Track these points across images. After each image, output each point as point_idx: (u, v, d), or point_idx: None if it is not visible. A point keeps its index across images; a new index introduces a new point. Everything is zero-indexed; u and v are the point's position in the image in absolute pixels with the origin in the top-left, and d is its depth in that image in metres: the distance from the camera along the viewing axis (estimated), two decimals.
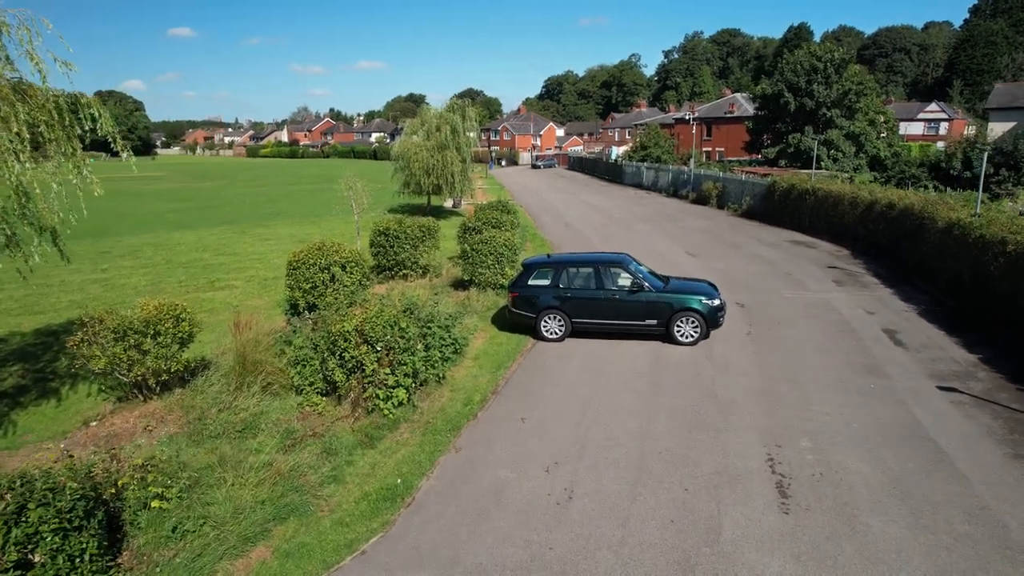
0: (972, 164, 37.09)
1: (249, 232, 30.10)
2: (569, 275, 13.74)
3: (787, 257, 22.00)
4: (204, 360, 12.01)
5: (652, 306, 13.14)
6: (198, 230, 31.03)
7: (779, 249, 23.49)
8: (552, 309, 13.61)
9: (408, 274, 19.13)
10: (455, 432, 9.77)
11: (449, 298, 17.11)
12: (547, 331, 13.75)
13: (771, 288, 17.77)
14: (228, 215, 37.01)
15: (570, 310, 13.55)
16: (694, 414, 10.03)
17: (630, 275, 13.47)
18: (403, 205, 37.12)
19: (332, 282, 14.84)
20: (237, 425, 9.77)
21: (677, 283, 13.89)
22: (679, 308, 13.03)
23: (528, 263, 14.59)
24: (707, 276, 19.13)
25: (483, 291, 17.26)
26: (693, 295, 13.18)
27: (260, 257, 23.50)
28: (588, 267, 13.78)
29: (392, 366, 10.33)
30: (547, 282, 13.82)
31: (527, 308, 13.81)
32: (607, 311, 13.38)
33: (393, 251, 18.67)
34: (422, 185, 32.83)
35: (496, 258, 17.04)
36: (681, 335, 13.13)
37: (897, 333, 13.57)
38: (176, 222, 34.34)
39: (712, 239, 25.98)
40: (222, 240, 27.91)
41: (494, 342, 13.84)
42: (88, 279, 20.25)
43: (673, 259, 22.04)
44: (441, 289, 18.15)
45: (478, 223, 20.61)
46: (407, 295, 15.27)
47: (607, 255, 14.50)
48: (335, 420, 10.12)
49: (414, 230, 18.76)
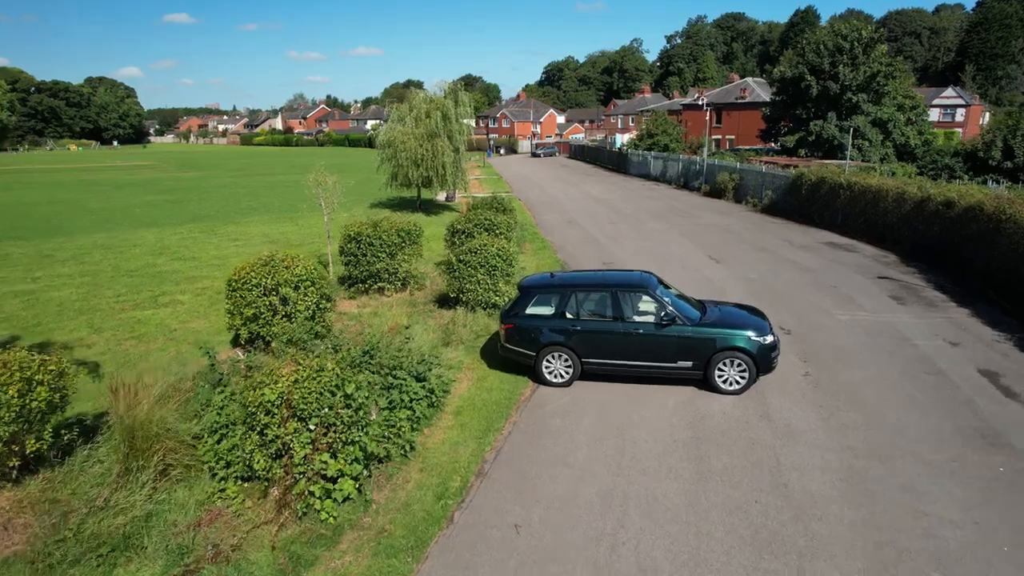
0: (1015, 152, 33.96)
1: (218, 231, 27.07)
2: (578, 301, 10.75)
3: (826, 264, 18.99)
4: (100, 419, 9.05)
5: (687, 343, 10.17)
6: (163, 228, 27.99)
7: (814, 253, 20.47)
8: (557, 346, 10.63)
9: (384, 287, 16.16)
10: (420, 549, 6.82)
11: (431, 320, 14.15)
12: (550, 373, 10.81)
13: (818, 306, 14.78)
14: (202, 210, 33.93)
15: (580, 347, 10.58)
16: (760, 520, 7.08)
17: (657, 302, 10.48)
18: (391, 199, 34.06)
19: (284, 305, 11.88)
20: (110, 537, 6.85)
21: (717, 312, 10.88)
22: (722, 347, 10.05)
23: (526, 285, 11.55)
24: (738, 288, 16.20)
25: (472, 311, 14.30)
26: (739, 330, 10.20)
27: (220, 263, 20.50)
28: (603, 291, 10.77)
29: (334, 449, 7.39)
30: (550, 310, 10.84)
31: (525, 344, 10.85)
32: (628, 349, 10.41)
33: (366, 260, 15.67)
34: (411, 177, 29.70)
35: (488, 271, 14.05)
36: (724, 381, 10.18)
37: (1001, 377, 10.59)
38: (143, 218, 31.27)
39: (735, 240, 22.96)
40: (185, 241, 24.88)
41: (483, 386, 10.89)
42: (11, 291, 17.27)
43: (694, 265, 19.05)
44: (423, 308, 15.17)
45: (468, 225, 17.58)
46: (371, 328, 12.32)
47: (626, 275, 11.43)
48: (253, 527, 7.18)
49: (391, 235, 15.74)
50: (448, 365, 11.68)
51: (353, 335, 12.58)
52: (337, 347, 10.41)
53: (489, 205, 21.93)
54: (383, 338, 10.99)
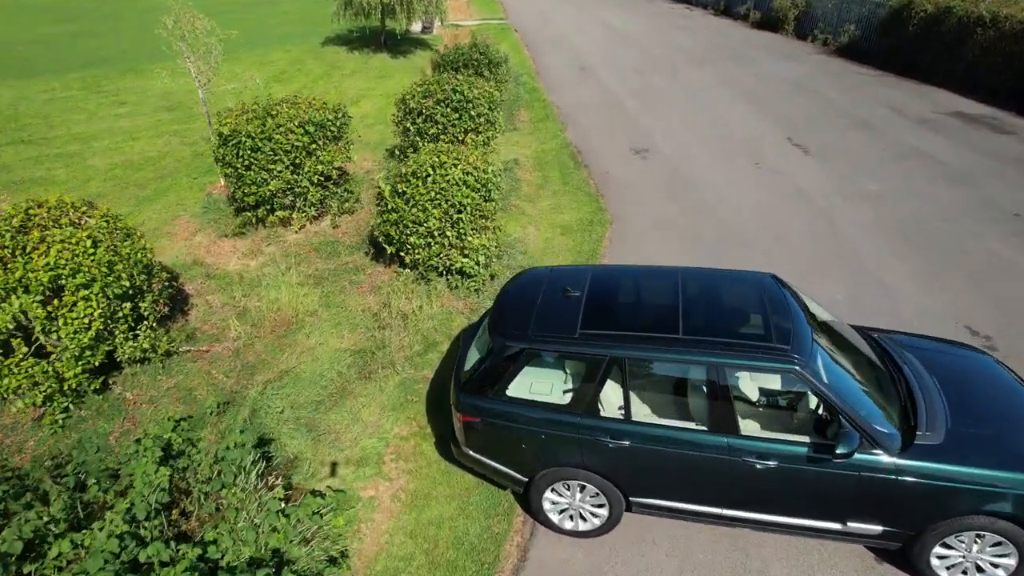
0: None
1: (106, 86, 19.86)
2: (627, 374, 4.74)
3: (979, 160, 12.51)
4: None
5: (883, 492, 4.42)
6: (39, 79, 20.73)
7: (949, 136, 13.82)
8: (575, 469, 4.95)
9: (288, 217, 10.05)
10: None
11: (354, 295, 8.35)
12: (561, 514, 5.23)
13: (1016, 265, 8.86)
14: (104, 50, 25.99)
15: (627, 474, 4.89)
16: None
17: (820, 397, 4.46)
18: (350, 31, 26.01)
19: (26, 340, 6.01)
20: None
21: (941, 396, 4.80)
22: (969, 508, 4.31)
23: (511, 329, 5.04)
24: (857, 215, 10.12)
25: (423, 280, 8.42)
26: (1016, 471, 4.32)
27: (77, 153, 13.99)
28: (685, 360, 4.59)
29: None
30: (562, 388, 5.16)
31: (506, 456, 5.13)
32: (737, 488, 4.71)
33: (252, 176, 9.39)
34: (365, 3, 21.74)
35: (448, 211, 7.96)
36: (949, 569, 4.62)
37: None
38: (23, 61, 23.71)
39: (821, 108, 16.07)
40: (53, 102, 17.94)
41: (419, 527, 5.38)
42: None
43: (772, 159, 12.65)
44: (346, 260, 9.21)
45: (426, 102, 10.85)
46: (237, 330, 6.45)
47: (740, 308, 5.00)
48: None
49: (292, 134, 9.29)
50: (351, 445, 6.09)
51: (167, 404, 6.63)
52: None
53: (468, 55, 14.79)
54: (202, 460, 5.12)
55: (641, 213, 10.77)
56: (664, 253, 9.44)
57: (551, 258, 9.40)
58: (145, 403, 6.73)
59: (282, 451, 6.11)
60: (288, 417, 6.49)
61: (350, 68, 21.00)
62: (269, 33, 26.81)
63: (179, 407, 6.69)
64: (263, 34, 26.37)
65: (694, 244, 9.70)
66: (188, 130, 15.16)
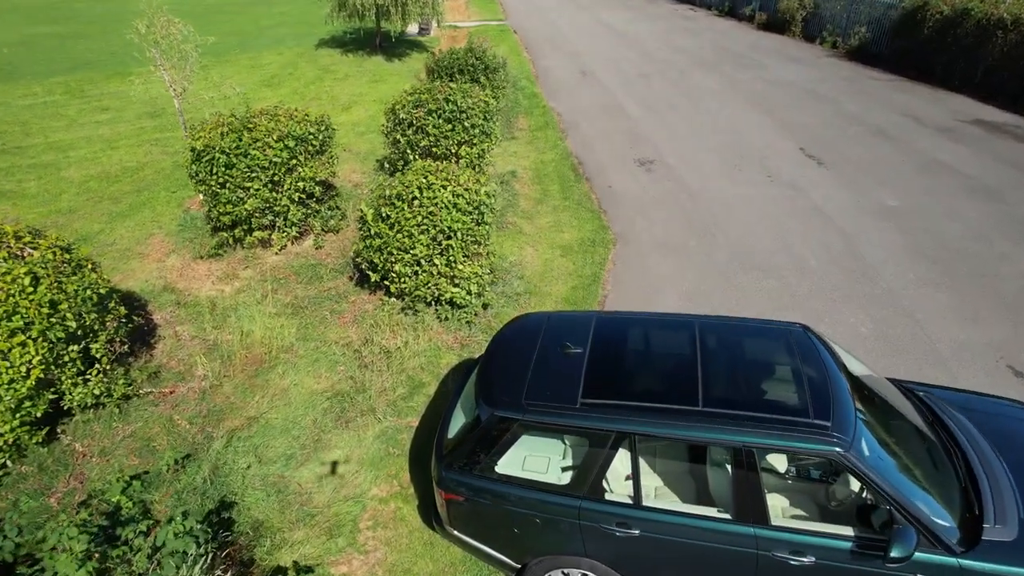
0: None
1: (89, 91, 19.18)
2: (637, 452, 4.04)
3: (1006, 172, 11.80)
4: None
5: None
6: (21, 83, 20.06)
7: (970, 145, 13.11)
8: (577, 558, 4.22)
9: (267, 238, 9.34)
10: None
11: (335, 327, 7.66)
12: None
13: None
14: (93, 52, 25.31)
15: (638, 570, 4.15)
16: None
17: (872, 485, 3.63)
18: (345, 33, 25.27)
19: None
20: None
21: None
22: None
23: (504, 396, 4.25)
24: (879, 233, 9.39)
25: (411, 311, 7.71)
26: None
27: (56, 162, 13.30)
28: (708, 440, 3.87)
29: None
30: (560, 465, 4.45)
31: (494, 538, 4.42)
32: None
33: (226, 195, 8.68)
34: (359, 5, 21.02)
35: (436, 236, 7.25)
36: None
37: None
38: (6, 64, 23.01)
39: (833, 115, 15.34)
40: (32, 108, 17.25)
41: None
42: None
43: (785, 170, 11.92)
44: (330, 286, 8.50)
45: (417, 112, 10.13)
46: (205, 365, 5.69)
47: (765, 378, 4.15)
48: None
49: (271, 149, 8.58)
50: (322, 523, 5.39)
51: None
52: None
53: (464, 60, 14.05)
54: (142, 547, 4.42)
55: (646, 232, 10.06)
56: (671, 279, 8.73)
57: (550, 283, 8.69)
58: (96, 456, 6.03)
59: (245, 515, 5.42)
60: (255, 474, 5.80)
61: (343, 72, 20.27)
62: (263, 35, 26.06)
63: (134, 460, 6.00)
64: (257, 36, 25.63)
65: (704, 268, 8.99)
66: (171, 139, 14.44)
